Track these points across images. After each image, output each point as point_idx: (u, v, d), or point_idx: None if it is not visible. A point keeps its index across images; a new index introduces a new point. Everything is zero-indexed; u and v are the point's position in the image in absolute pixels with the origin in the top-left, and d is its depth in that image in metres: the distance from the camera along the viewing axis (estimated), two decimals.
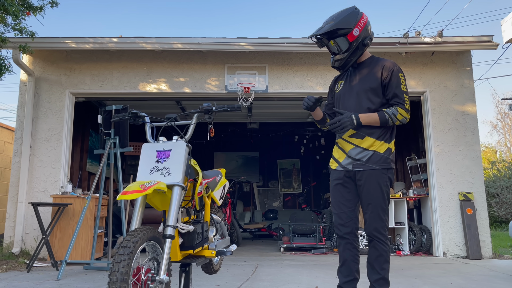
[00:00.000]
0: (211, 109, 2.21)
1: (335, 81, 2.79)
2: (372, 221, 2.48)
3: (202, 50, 6.59)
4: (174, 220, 1.96)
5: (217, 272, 2.93)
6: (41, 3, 4.99)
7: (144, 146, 2.18)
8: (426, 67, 6.84)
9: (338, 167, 2.62)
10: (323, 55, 6.79)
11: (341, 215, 2.55)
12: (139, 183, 1.92)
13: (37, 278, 4.42)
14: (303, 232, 7.18)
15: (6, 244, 6.18)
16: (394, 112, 2.46)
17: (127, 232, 1.85)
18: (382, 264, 2.48)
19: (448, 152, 6.61)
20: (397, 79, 2.49)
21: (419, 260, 5.93)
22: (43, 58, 6.70)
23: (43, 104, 6.57)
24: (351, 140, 2.56)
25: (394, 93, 2.48)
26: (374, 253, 2.50)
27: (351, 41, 2.49)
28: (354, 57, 2.55)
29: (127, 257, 1.71)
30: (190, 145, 2.19)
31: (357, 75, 2.61)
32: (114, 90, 6.69)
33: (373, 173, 2.48)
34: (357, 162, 2.52)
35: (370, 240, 2.51)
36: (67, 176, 6.42)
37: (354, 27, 2.48)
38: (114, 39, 6.25)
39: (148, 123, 2.29)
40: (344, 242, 2.56)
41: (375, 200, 2.47)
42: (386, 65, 2.52)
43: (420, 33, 6.38)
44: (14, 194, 6.31)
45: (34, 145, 6.44)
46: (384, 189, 2.50)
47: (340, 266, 2.59)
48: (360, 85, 2.55)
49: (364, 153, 2.51)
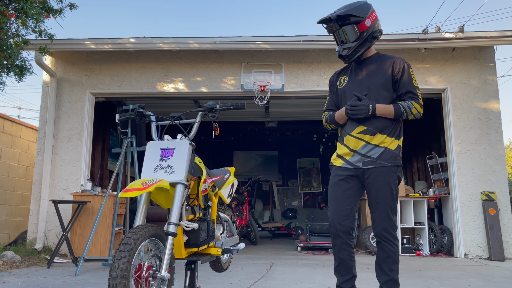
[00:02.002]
0: (215, 108, 2.22)
1: (337, 77, 2.71)
2: (381, 221, 2.42)
3: (219, 49, 6.63)
4: (176, 218, 1.98)
5: (225, 270, 2.94)
6: (60, 5, 5.11)
7: (149, 145, 2.21)
8: (447, 64, 6.67)
9: (345, 165, 2.53)
10: None
11: (339, 213, 2.46)
12: (141, 181, 1.95)
13: (56, 273, 4.54)
14: (320, 232, 7.13)
15: (29, 240, 6.37)
16: (409, 106, 2.44)
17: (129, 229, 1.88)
18: (391, 266, 2.43)
19: (470, 150, 6.43)
20: (409, 75, 2.49)
21: (438, 261, 5.80)
22: (65, 59, 6.87)
23: (64, 104, 6.74)
24: (361, 137, 2.48)
25: (407, 89, 2.48)
26: (383, 254, 2.44)
27: (362, 30, 2.45)
28: (362, 49, 2.49)
29: (127, 253, 1.74)
30: (193, 144, 2.20)
31: (364, 70, 2.56)
32: (133, 90, 6.81)
33: (383, 171, 2.43)
34: (368, 159, 2.45)
35: (378, 241, 2.45)
36: (87, 174, 6.56)
37: (367, 18, 2.45)
38: (131, 39, 6.35)
39: (153, 122, 2.32)
40: (339, 242, 2.46)
41: (384, 199, 2.42)
42: (396, 61, 2.50)
43: (440, 29, 6.23)
44: (37, 191, 6.50)
45: (56, 144, 6.61)
46: (394, 188, 2.45)
47: (337, 266, 2.51)
48: (371, 80, 2.50)
49: (375, 150, 2.45)
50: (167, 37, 6.41)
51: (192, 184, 2.28)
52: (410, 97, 2.47)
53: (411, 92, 2.48)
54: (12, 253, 5.12)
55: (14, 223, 7.46)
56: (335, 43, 2.61)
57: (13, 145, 7.46)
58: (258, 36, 6.44)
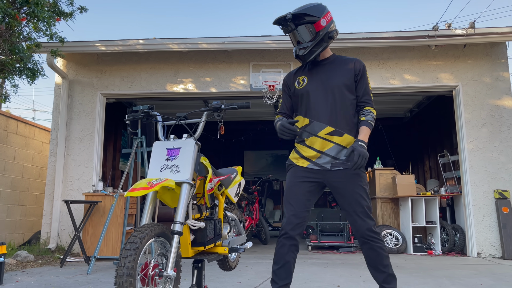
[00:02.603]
0: (220, 107, 2.23)
1: (293, 77, 2.63)
2: (363, 222, 2.38)
3: (227, 50, 6.65)
4: (181, 217, 2.00)
5: (233, 269, 2.96)
6: (71, 9, 5.18)
7: (155, 144, 2.23)
8: (458, 60, 6.59)
9: (311, 166, 2.47)
10: (349, 51, 6.68)
11: (298, 215, 2.42)
12: (147, 180, 1.97)
13: (68, 272, 4.61)
14: (330, 231, 7.11)
15: (43, 240, 6.48)
16: (372, 117, 2.48)
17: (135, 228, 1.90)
18: (383, 262, 2.42)
19: (482, 148, 6.35)
20: (366, 77, 2.54)
21: (451, 261, 5.74)
22: (76, 61, 6.97)
23: (76, 106, 6.84)
24: (330, 138, 2.44)
25: (365, 91, 2.52)
26: (373, 253, 2.41)
27: (317, 30, 2.43)
28: (319, 48, 2.46)
29: (133, 252, 1.76)
30: (199, 143, 2.22)
31: (324, 71, 2.53)
32: (143, 91, 6.87)
33: (354, 172, 2.43)
34: (337, 161, 2.44)
35: (364, 242, 2.40)
36: (98, 174, 6.64)
37: (322, 17, 2.43)
38: (141, 40, 6.41)
39: (159, 122, 2.34)
40: (290, 244, 2.41)
41: (361, 200, 2.40)
42: (356, 62, 2.53)
43: (451, 25, 6.16)
44: (50, 192, 6.60)
45: (68, 145, 6.71)
46: (366, 188, 2.46)
47: (278, 268, 2.41)
48: (334, 81, 2.49)
49: (343, 152, 2.45)
50: (176, 38, 6.45)
51: (198, 183, 2.29)
52: (366, 99, 2.51)
53: (368, 94, 2.53)
54: (25, 253, 5.21)
55: (28, 223, 7.59)
56: (344, 41, 2.59)
57: (27, 147, 7.59)
58: (267, 35, 6.45)
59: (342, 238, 7.00)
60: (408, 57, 6.67)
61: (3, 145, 6.94)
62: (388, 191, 7.21)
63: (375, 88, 6.68)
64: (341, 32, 6.37)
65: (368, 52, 6.71)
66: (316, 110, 2.46)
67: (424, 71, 6.63)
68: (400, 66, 6.67)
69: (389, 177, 7.24)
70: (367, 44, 6.35)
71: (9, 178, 7.06)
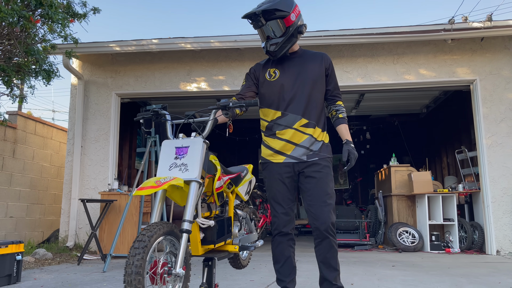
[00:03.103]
0: (227, 105, 2.23)
1: (262, 68, 2.61)
2: (329, 215, 2.35)
3: (240, 48, 6.64)
4: (190, 215, 2.00)
5: (245, 267, 2.95)
6: (85, 10, 5.25)
7: (164, 143, 2.24)
8: (476, 54, 6.44)
9: (288, 160, 2.47)
10: (363, 46, 6.61)
11: (288, 211, 2.48)
12: (156, 179, 1.98)
13: (85, 270, 4.68)
14: (346, 229, 7.05)
15: (61, 238, 6.60)
16: (343, 109, 2.59)
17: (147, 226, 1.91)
18: (336, 259, 2.42)
19: (501, 144, 6.20)
20: (334, 71, 2.61)
21: (469, 259, 5.63)
22: (91, 62, 7.06)
23: (91, 106, 6.93)
24: (304, 130, 2.46)
25: (335, 85, 2.59)
26: (330, 250, 2.38)
27: (287, 25, 2.43)
28: (289, 44, 2.47)
29: (141, 250, 1.77)
30: (207, 142, 2.22)
31: (298, 64, 2.54)
32: (157, 90, 6.92)
33: (326, 164, 2.46)
34: (311, 152, 2.46)
35: (326, 236, 2.35)
36: (114, 173, 6.73)
37: (291, 12, 2.42)
38: (154, 40, 6.46)
39: (168, 121, 2.35)
40: (286, 239, 2.49)
41: (330, 191, 2.41)
42: (324, 56, 2.57)
43: (467, 19, 6.02)
44: (67, 191, 6.72)
45: (85, 145, 6.81)
46: (333, 180, 2.51)
47: (281, 266, 2.46)
48: (306, 74, 2.51)
49: (317, 143, 2.49)
50: (189, 37, 6.47)
51: (207, 181, 2.29)
52: (337, 93, 2.59)
53: (338, 89, 2.60)
54: (44, 251, 5.31)
55: (48, 222, 7.74)
56: (357, 36, 2.59)
57: (45, 147, 7.73)
58: None
59: (357, 236, 6.94)
60: (423, 51, 6.56)
61: (22, 145, 7.09)
62: (404, 188, 7.11)
63: (389, 84, 6.58)
64: (353, 28, 6.30)
65: (382, 47, 6.61)
66: (290, 103, 2.47)
67: (440, 65, 6.50)
68: (415, 61, 6.56)
69: (405, 174, 7.14)
70: (381, 39, 6.26)
71: (28, 178, 7.21)
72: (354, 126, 10.55)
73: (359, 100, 8.23)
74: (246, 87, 2.59)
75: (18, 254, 3.80)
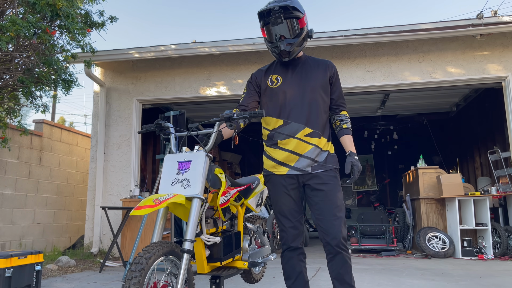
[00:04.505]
0: (231, 117, 2.13)
1: (264, 75, 2.47)
2: (340, 229, 2.22)
3: (259, 50, 6.54)
4: (191, 234, 1.91)
5: (258, 281, 2.85)
6: (102, 19, 5.28)
7: (166, 157, 2.16)
8: (507, 50, 6.09)
9: (291, 171, 2.33)
10: (386, 45, 6.37)
11: (296, 225, 2.37)
12: (154, 197, 1.90)
13: (105, 278, 4.70)
14: (372, 233, 6.83)
15: (86, 244, 6.69)
16: (348, 119, 2.48)
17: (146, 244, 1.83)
18: (351, 275, 2.27)
19: None
20: (339, 79, 2.49)
21: (503, 266, 5.31)
22: (112, 69, 7.13)
23: (113, 113, 7.00)
24: (309, 140, 2.32)
25: (340, 94, 2.47)
26: (343, 265, 2.23)
27: (301, 27, 2.32)
28: (300, 47, 2.36)
29: (138, 273, 1.70)
30: (210, 155, 2.13)
31: (301, 71, 2.40)
32: (177, 96, 6.91)
33: (333, 175, 2.33)
34: (316, 163, 2.32)
35: (338, 252, 2.22)
36: (135, 180, 6.76)
37: (304, 14, 2.33)
38: (172, 46, 6.45)
39: (172, 134, 2.27)
40: (297, 254, 2.39)
41: (339, 203, 2.28)
42: (329, 64, 2.45)
43: (497, 13, 5.70)
44: (91, 197, 6.80)
45: (107, 151, 6.88)
46: (341, 192, 2.37)
47: (293, 282, 2.35)
48: (310, 82, 2.38)
49: (322, 154, 2.35)
50: (207, 41, 6.43)
51: (211, 197, 2.20)
52: (341, 103, 2.47)
53: (342, 98, 2.48)
54: (67, 258, 5.38)
55: (74, 227, 7.88)
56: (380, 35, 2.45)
57: (71, 153, 7.88)
58: None
59: (384, 241, 6.70)
60: (451, 48, 6.26)
61: (48, 153, 7.24)
62: (433, 191, 6.81)
63: (415, 83, 6.32)
64: (375, 26, 6.09)
65: (406, 45, 6.36)
66: (293, 111, 2.34)
67: (469, 62, 6.19)
68: (442, 59, 6.27)
69: (434, 176, 6.84)
70: (405, 37, 6.01)
71: (54, 185, 7.36)
72: (381, 126, 10.23)
73: (384, 100, 7.97)
74: (248, 96, 2.47)
75: (38, 265, 3.83)
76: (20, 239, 6.52)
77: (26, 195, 6.68)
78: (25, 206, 6.65)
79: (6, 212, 6.26)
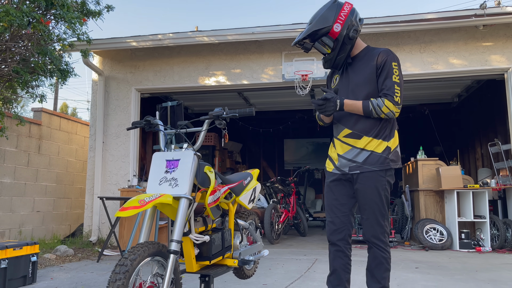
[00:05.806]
0: (221, 115, 2.10)
1: (331, 76, 2.60)
2: (370, 227, 2.32)
3: (259, 40, 6.46)
4: (178, 235, 1.90)
5: (250, 277, 2.85)
6: (98, 8, 5.21)
7: (155, 156, 2.14)
8: (510, 40, 5.99)
9: (335, 170, 2.45)
10: (387, 35, 6.28)
11: (335, 220, 2.40)
12: (140, 197, 1.88)
13: (102, 268, 4.73)
14: None
15: (85, 233, 6.74)
16: (379, 104, 2.25)
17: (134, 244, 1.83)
18: (382, 273, 2.31)
19: None
20: (390, 68, 2.32)
21: (500, 259, 5.31)
22: (111, 57, 7.08)
23: (112, 102, 6.97)
24: (346, 141, 2.37)
25: (384, 83, 2.31)
26: (374, 260, 2.33)
27: (334, 38, 2.31)
28: (344, 53, 2.35)
29: (122, 276, 1.69)
30: (199, 154, 2.10)
31: (351, 69, 2.42)
32: (175, 85, 6.86)
33: (370, 176, 2.31)
34: (354, 164, 2.34)
35: (370, 247, 2.35)
36: (134, 169, 6.77)
37: (334, 23, 2.28)
38: (170, 34, 6.38)
39: (161, 131, 2.25)
40: (334, 249, 2.42)
41: (372, 205, 2.31)
42: (380, 54, 2.35)
43: (500, 3, 5.58)
44: (90, 186, 6.82)
45: (106, 141, 6.87)
46: (383, 193, 2.32)
47: (330, 275, 2.43)
48: (355, 80, 2.38)
49: (361, 154, 2.33)
50: (205, 30, 6.36)
51: (199, 195, 2.19)
52: (385, 93, 2.29)
53: (387, 87, 2.29)
54: (65, 247, 5.41)
55: (74, 215, 7.93)
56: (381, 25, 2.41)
57: (70, 142, 7.87)
58: (298, 23, 6.18)
59: None
60: (453, 39, 6.16)
61: (47, 141, 7.24)
62: (432, 183, 6.79)
63: (416, 74, 6.24)
64: (376, 16, 5.98)
65: (408, 35, 6.26)
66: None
67: (471, 53, 6.10)
68: (444, 49, 6.18)
69: (433, 168, 6.81)
70: (406, 27, 5.92)
71: (54, 173, 7.38)
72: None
73: None
74: None
75: (33, 256, 3.85)
76: (19, 227, 6.56)
77: (25, 183, 6.70)
78: (25, 194, 6.68)
79: (5, 201, 6.29)
